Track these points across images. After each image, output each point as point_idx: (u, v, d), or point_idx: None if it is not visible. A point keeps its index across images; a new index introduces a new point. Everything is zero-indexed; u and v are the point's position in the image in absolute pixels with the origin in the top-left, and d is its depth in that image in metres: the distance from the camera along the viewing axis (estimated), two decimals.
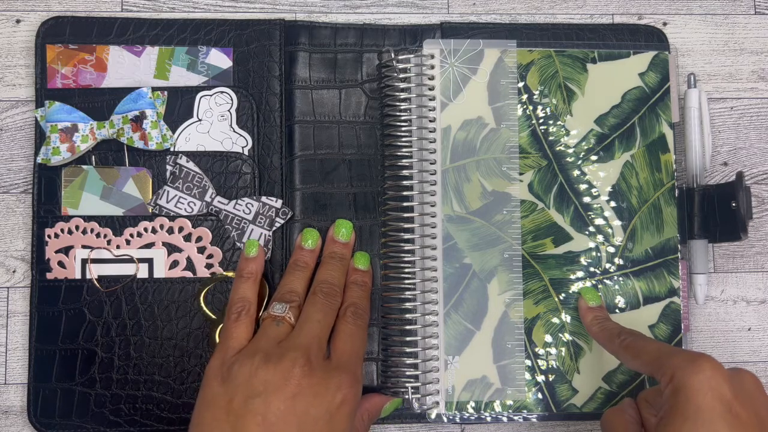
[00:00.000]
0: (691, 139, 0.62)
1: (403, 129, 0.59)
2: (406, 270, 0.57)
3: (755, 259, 0.64)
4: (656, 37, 0.64)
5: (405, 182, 0.58)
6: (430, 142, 0.59)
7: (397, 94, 0.59)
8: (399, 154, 0.59)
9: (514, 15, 0.65)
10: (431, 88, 0.60)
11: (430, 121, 0.59)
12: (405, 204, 0.58)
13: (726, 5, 0.66)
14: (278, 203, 0.60)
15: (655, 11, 0.66)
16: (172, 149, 0.60)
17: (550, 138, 0.60)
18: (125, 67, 0.61)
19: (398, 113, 0.59)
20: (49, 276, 0.59)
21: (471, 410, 0.58)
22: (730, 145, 0.65)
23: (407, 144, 0.59)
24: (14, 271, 0.61)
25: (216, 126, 0.61)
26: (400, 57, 0.59)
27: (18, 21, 0.63)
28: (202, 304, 0.59)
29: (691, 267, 0.62)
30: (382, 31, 0.63)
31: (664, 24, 0.66)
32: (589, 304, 0.58)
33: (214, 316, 0.59)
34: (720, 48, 0.66)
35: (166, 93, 0.60)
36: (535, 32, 0.63)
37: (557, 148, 0.60)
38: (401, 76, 0.59)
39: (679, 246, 0.60)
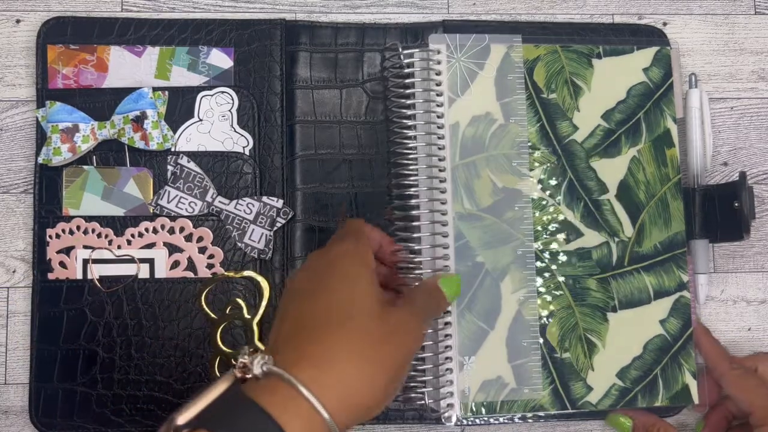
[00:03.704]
0: (693, 139, 0.62)
1: (412, 125, 0.57)
2: (418, 270, 0.55)
3: (755, 259, 0.64)
4: (656, 37, 0.64)
5: (415, 179, 0.57)
6: (439, 138, 0.58)
7: (404, 90, 0.58)
8: (407, 151, 0.57)
9: (514, 15, 0.65)
10: (438, 84, 0.59)
11: (438, 117, 0.58)
12: (414, 202, 0.56)
13: (726, 5, 0.66)
14: (279, 203, 0.60)
15: (655, 11, 0.66)
16: (173, 149, 0.60)
17: (559, 133, 0.60)
18: (126, 67, 0.61)
19: (405, 109, 0.57)
20: (51, 276, 0.59)
21: (487, 411, 0.57)
22: (730, 145, 0.65)
23: (416, 141, 0.58)
24: (14, 271, 0.61)
25: (217, 126, 0.61)
26: (406, 52, 0.58)
27: (18, 21, 0.63)
28: (203, 305, 0.59)
29: (692, 267, 0.62)
30: (383, 30, 0.63)
31: (664, 24, 0.66)
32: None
33: (215, 316, 0.59)
34: (720, 48, 0.66)
35: (167, 93, 0.60)
36: (536, 30, 0.63)
37: (566, 144, 0.60)
38: (407, 71, 0.58)
39: (686, 240, 0.60)
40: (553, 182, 0.59)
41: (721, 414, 0.59)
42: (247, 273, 0.59)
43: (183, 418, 0.38)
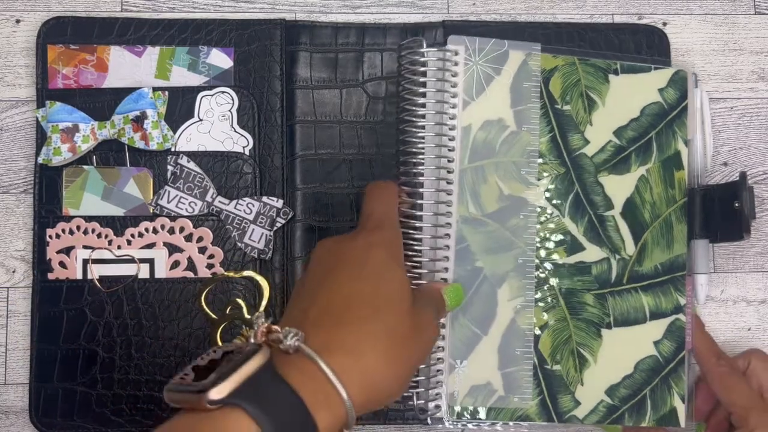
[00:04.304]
0: (694, 139, 0.62)
1: (422, 125, 0.56)
2: (416, 270, 0.55)
3: (755, 259, 0.64)
4: (656, 36, 0.64)
5: (421, 179, 0.56)
6: (450, 139, 0.57)
7: (418, 88, 0.56)
8: (416, 150, 0.56)
9: (514, 15, 0.65)
10: (453, 85, 0.58)
11: (450, 118, 0.57)
12: (420, 202, 0.55)
13: (726, 5, 0.66)
14: (279, 203, 0.60)
15: (655, 11, 0.66)
16: (173, 149, 0.60)
17: (569, 146, 0.59)
18: (126, 67, 0.61)
19: (416, 107, 0.56)
20: (51, 276, 0.59)
21: (473, 416, 0.57)
22: (730, 145, 0.65)
23: (426, 140, 0.57)
24: (14, 271, 0.61)
25: (217, 126, 0.61)
26: (425, 50, 0.56)
27: (18, 21, 0.63)
28: (203, 305, 0.59)
29: (692, 267, 0.62)
30: (383, 30, 0.63)
31: (664, 24, 0.66)
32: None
33: (215, 316, 0.59)
34: (720, 48, 0.66)
35: (167, 93, 0.60)
36: (536, 30, 0.63)
37: (575, 156, 0.59)
38: (422, 69, 0.56)
39: (687, 263, 0.60)
40: (559, 194, 0.59)
41: (723, 415, 0.59)
42: (247, 273, 0.60)
43: (218, 392, 0.36)
